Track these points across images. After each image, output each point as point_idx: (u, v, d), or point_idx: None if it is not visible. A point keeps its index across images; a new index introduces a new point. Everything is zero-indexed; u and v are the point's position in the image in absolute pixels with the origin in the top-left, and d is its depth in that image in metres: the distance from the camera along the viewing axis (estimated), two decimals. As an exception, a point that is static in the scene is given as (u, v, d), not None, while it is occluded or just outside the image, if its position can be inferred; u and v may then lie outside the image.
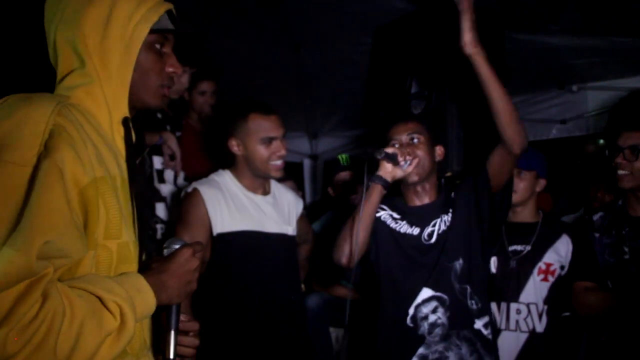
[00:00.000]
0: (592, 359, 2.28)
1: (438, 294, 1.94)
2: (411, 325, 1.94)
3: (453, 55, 2.48)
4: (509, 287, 2.27)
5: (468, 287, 1.94)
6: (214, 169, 2.21)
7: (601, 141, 3.92)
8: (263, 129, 2.05)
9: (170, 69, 1.16)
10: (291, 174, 3.28)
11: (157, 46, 1.13)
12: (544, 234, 2.30)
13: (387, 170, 1.89)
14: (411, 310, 1.94)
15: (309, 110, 4.41)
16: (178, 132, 2.71)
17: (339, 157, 3.15)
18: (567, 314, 2.27)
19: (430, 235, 2.00)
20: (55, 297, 0.84)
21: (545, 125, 4.14)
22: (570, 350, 2.33)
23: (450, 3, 1.78)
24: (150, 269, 1.07)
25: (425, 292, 1.95)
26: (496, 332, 2.25)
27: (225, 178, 2.14)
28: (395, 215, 2.08)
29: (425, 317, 1.93)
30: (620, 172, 2.26)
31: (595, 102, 3.78)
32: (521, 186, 2.29)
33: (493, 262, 2.31)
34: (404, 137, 1.98)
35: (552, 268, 2.23)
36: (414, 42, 2.64)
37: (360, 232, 1.84)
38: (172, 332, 1.10)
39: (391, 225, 2.06)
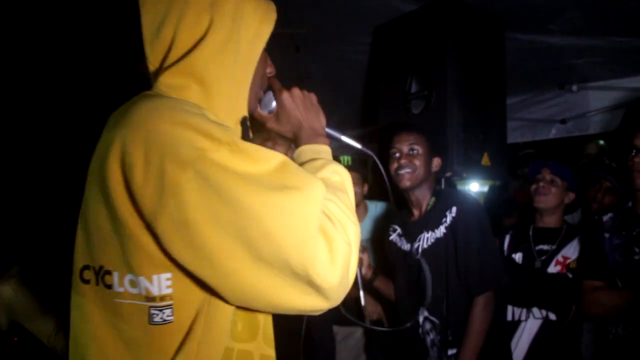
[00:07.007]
0: (601, 357, 2.26)
1: (432, 317, 2.08)
2: (422, 337, 2.09)
3: (453, 55, 2.49)
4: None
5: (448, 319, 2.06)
6: None
7: (601, 142, 3.91)
8: None
9: (269, 70, 1.05)
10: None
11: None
12: (568, 235, 2.48)
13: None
14: (421, 321, 2.10)
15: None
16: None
17: (340, 158, 3.14)
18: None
19: (417, 250, 2.13)
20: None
21: (545, 125, 4.14)
22: (576, 337, 2.46)
23: (449, 4, 1.76)
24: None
25: (423, 313, 2.09)
26: (515, 324, 2.42)
27: None
28: (400, 231, 2.27)
29: (428, 333, 2.08)
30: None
31: (596, 101, 3.78)
32: (553, 191, 2.47)
33: (518, 257, 2.52)
34: (405, 147, 2.15)
35: (568, 261, 2.39)
36: (414, 41, 2.64)
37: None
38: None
39: (398, 244, 2.25)
